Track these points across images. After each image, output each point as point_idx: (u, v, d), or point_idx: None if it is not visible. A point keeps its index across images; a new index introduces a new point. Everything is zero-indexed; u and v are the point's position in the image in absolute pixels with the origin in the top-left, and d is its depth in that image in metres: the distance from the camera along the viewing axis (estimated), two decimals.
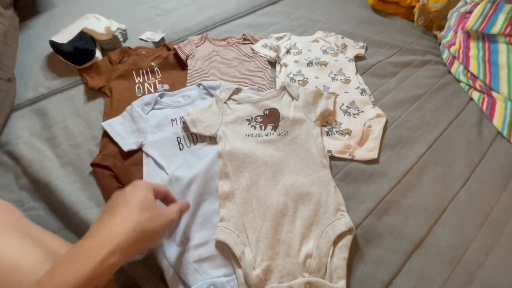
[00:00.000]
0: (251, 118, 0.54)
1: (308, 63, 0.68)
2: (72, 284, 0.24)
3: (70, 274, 0.24)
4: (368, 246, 0.43)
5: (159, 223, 0.32)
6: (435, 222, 0.45)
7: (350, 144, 0.52)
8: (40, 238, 0.33)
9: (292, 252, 0.41)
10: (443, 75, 0.70)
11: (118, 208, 0.30)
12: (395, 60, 0.72)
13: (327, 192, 0.46)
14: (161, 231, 0.33)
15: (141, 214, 0.30)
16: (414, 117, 0.59)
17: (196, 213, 0.44)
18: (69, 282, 0.24)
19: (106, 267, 0.26)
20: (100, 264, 0.25)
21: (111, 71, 0.63)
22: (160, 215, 0.32)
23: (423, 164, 0.52)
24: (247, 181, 0.46)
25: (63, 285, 0.23)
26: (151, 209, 0.32)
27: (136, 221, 0.29)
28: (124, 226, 0.29)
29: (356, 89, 0.62)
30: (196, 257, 0.41)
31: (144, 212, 0.30)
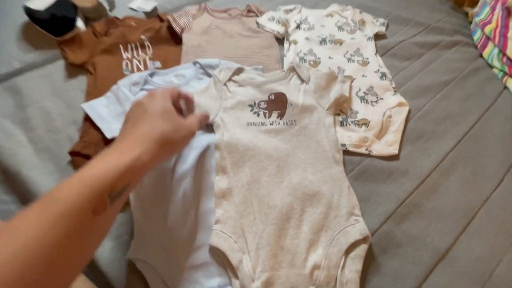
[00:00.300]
0: (254, 103, 0.47)
1: (320, 40, 0.60)
2: (112, 172, 0.24)
3: (108, 164, 0.25)
4: (384, 256, 0.37)
5: (181, 133, 0.32)
6: (463, 230, 0.39)
7: (367, 136, 0.45)
8: None
9: (297, 262, 0.35)
10: (473, 59, 0.62)
11: (139, 119, 0.30)
12: (420, 40, 0.63)
13: (339, 193, 0.40)
14: (183, 141, 0.33)
15: (163, 124, 0.30)
16: (440, 107, 0.52)
17: (189, 212, 0.38)
18: (108, 171, 0.24)
19: (139, 164, 0.26)
20: (136, 159, 0.26)
21: (95, 44, 0.55)
22: (181, 126, 0.32)
23: (450, 162, 0.45)
24: (247, 178, 0.40)
25: (102, 173, 0.24)
26: (172, 119, 0.31)
27: (160, 130, 0.29)
28: (149, 134, 0.29)
29: (376, 72, 0.54)
30: (187, 264, 0.35)
31: (165, 122, 0.30)
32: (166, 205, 0.39)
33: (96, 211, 0.23)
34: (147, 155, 0.27)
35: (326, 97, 0.48)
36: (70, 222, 0.22)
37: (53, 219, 0.21)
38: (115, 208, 0.26)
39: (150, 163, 0.28)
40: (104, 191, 0.24)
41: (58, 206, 0.22)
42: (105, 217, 0.24)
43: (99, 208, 0.23)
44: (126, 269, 0.36)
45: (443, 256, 0.37)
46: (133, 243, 0.36)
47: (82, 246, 0.23)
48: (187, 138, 0.33)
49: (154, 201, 0.39)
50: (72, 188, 0.23)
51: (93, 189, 0.23)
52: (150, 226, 0.37)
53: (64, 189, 0.23)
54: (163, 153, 0.29)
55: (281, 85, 0.49)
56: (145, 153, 0.27)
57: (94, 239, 0.25)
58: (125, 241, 0.37)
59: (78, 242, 0.23)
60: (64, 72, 0.53)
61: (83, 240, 0.23)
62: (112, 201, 0.24)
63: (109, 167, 0.25)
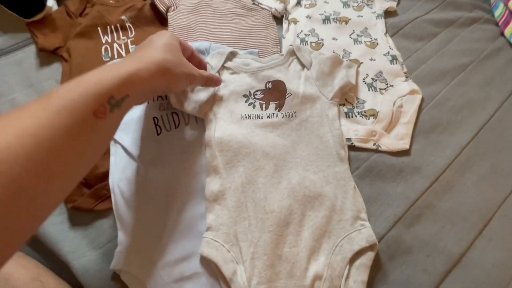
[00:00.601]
0: (249, 93, 0.42)
1: (324, 19, 0.53)
2: (111, 79, 0.25)
3: (108, 72, 0.25)
4: (392, 263, 0.34)
5: (182, 69, 0.32)
6: (479, 233, 0.36)
7: (375, 130, 0.41)
8: None
9: (296, 272, 0.32)
10: (494, 37, 0.55)
11: (144, 48, 0.31)
12: (435, 17, 0.56)
13: (343, 194, 0.36)
14: (181, 78, 0.32)
15: (166, 53, 0.31)
16: (457, 94, 0.46)
17: (177, 218, 0.35)
18: (108, 78, 0.25)
19: (138, 78, 0.27)
20: (135, 72, 0.26)
21: (69, 27, 0.49)
22: (183, 63, 0.33)
23: (466, 157, 0.41)
24: (241, 179, 0.36)
25: (102, 79, 0.24)
26: (175, 54, 0.32)
27: (161, 57, 0.30)
28: (149, 56, 0.29)
29: (385, 55, 0.49)
30: (176, 276, 0.32)
31: (168, 53, 0.31)
32: (151, 211, 0.35)
33: (96, 114, 0.23)
34: (145, 72, 0.27)
35: (330, 84, 0.42)
36: (71, 117, 0.21)
37: (55, 110, 0.21)
38: (113, 122, 0.26)
39: (148, 82, 0.28)
40: (104, 95, 0.24)
41: (59, 100, 0.21)
42: (104, 126, 0.24)
43: (99, 111, 0.23)
44: (110, 282, 0.32)
45: (457, 262, 0.34)
46: (117, 253, 0.33)
47: (81, 151, 0.23)
48: (186, 78, 0.33)
49: (138, 207, 0.35)
50: (71, 89, 0.23)
51: (92, 92, 0.23)
52: (134, 235, 0.34)
53: (63, 88, 0.23)
54: (160, 79, 0.30)
55: (279, 72, 0.43)
56: (143, 70, 0.27)
57: (93, 148, 0.25)
58: (109, 250, 0.34)
59: (78, 144, 0.22)
60: (36, 60, 0.48)
61: (83, 145, 0.23)
62: (111, 109, 0.24)
63: (108, 74, 0.25)
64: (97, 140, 0.24)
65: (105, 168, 0.38)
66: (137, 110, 0.41)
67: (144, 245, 0.33)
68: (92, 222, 0.35)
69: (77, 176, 0.24)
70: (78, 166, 0.23)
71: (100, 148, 0.26)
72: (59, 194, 0.22)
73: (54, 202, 0.22)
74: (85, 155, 0.24)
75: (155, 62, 0.29)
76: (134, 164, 0.38)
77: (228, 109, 0.41)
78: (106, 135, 0.26)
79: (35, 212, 0.20)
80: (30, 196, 0.19)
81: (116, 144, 0.39)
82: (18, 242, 0.20)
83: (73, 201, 0.36)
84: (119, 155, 0.38)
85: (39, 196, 0.20)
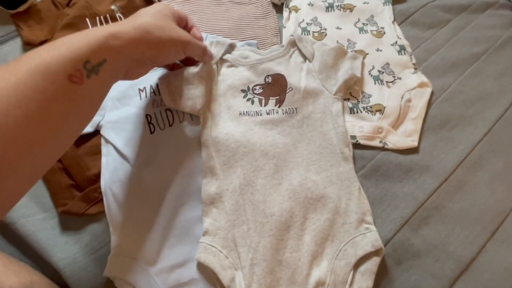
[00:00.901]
0: (248, 88, 0.39)
1: (327, 7, 0.50)
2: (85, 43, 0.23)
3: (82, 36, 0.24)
4: (399, 268, 0.32)
5: (168, 33, 0.30)
6: (491, 236, 0.34)
7: (381, 126, 0.38)
8: None
9: (298, 279, 0.30)
10: (510, 24, 0.51)
11: (129, 18, 0.30)
12: (446, 2, 0.53)
13: (348, 196, 0.34)
14: (169, 43, 0.30)
15: (149, 18, 0.29)
16: (469, 86, 0.44)
17: (172, 222, 0.33)
18: (81, 42, 0.23)
19: (115, 43, 0.25)
20: (111, 35, 0.25)
21: (56, 18, 0.46)
22: (170, 27, 0.30)
23: (479, 154, 0.38)
24: (240, 180, 0.34)
25: (75, 43, 0.23)
26: (162, 18, 0.30)
27: (142, 20, 0.28)
28: (130, 21, 0.28)
29: (393, 45, 0.45)
30: (171, 282, 0.31)
31: (152, 18, 0.29)
32: (145, 214, 0.33)
33: (72, 78, 0.22)
34: (124, 35, 0.26)
35: (334, 78, 0.40)
36: (44, 82, 0.20)
37: (25, 74, 0.19)
38: (92, 90, 0.24)
39: (127, 46, 0.26)
40: (79, 59, 0.22)
41: (30, 63, 0.20)
42: (82, 94, 0.23)
43: (74, 76, 0.22)
44: None
45: (467, 267, 0.32)
46: (110, 259, 0.32)
47: (58, 121, 0.21)
48: (175, 44, 0.31)
49: (131, 210, 0.34)
50: (43, 53, 0.21)
51: (67, 56, 0.22)
52: (128, 239, 0.33)
53: (34, 52, 0.21)
54: (142, 44, 0.28)
55: (280, 65, 0.40)
56: (122, 33, 0.26)
57: (71, 120, 0.23)
58: (102, 256, 0.33)
59: (53, 113, 0.21)
60: (22, 53, 0.45)
61: (59, 114, 0.21)
62: (88, 74, 0.23)
63: (83, 37, 0.24)
64: (75, 110, 0.23)
65: (97, 170, 0.36)
66: (129, 108, 0.39)
67: (139, 250, 0.32)
68: (84, 226, 0.34)
69: (55, 150, 0.22)
70: (55, 140, 0.22)
71: (79, 120, 0.24)
72: (36, 168, 0.21)
73: (31, 177, 0.21)
74: (63, 126, 0.22)
75: (135, 25, 0.27)
76: (127, 165, 0.36)
77: (225, 105, 0.38)
78: (85, 104, 0.24)
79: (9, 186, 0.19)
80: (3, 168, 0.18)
81: (107, 144, 0.37)
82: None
83: (63, 205, 0.34)
84: (111, 156, 0.36)
85: (13, 168, 0.18)
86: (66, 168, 0.36)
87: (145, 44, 0.28)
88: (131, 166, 0.35)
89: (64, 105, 0.22)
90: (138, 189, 0.35)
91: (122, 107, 0.39)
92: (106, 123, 0.38)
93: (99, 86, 0.25)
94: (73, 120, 0.23)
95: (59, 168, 0.36)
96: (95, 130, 0.38)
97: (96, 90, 0.25)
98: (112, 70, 0.26)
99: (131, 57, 0.28)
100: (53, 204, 0.35)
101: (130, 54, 0.27)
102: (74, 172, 0.36)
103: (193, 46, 0.33)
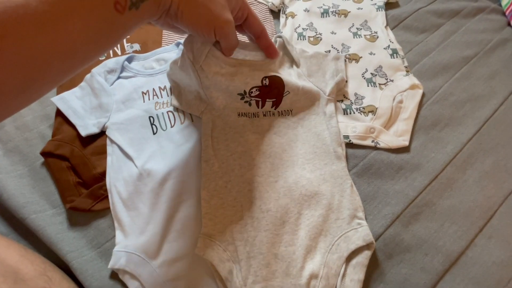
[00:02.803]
0: (245, 92, 0.39)
1: (322, 12, 0.52)
2: None
3: None
4: (390, 262, 0.34)
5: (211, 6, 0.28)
6: (479, 231, 0.35)
7: (373, 126, 0.40)
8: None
9: (292, 271, 0.32)
10: (501, 28, 0.53)
11: None
12: (438, 7, 0.54)
13: (340, 193, 0.35)
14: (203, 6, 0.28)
15: None
16: (460, 88, 0.45)
17: (173, 218, 0.35)
18: None
19: None
20: None
21: None
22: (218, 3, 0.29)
23: (468, 153, 0.40)
24: (237, 178, 0.36)
25: None
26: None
27: None
28: None
29: (385, 49, 0.47)
30: (172, 274, 0.33)
31: None
32: (148, 210, 0.35)
33: (116, 5, 0.23)
34: None
35: (323, 80, 0.41)
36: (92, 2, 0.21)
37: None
38: (127, 23, 0.25)
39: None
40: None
41: None
42: (119, 23, 0.24)
43: (119, 3, 0.23)
44: (109, 280, 0.33)
45: (456, 261, 0.34)
46: (115, 253, 0.33)
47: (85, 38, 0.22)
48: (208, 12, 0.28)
49: (134, 207, 0.35)
50: None
51: None
52: (131, 234, 0.34)
53: None
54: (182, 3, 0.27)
55: (276, 66, 0.42)
56: None
57: (101, 42, 0.24)
58: (107, 250, 0.35)
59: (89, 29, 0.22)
60: None
61: (92, 32, 0.22)
62: (131, 6, 0.24)
63: None
64: (107, 34, 0.24)
65: (102, 168, 0.38)
66: (133, 110, 0.41)
67: (141, 244, 0.34)
68: (90, 222, 0.36)
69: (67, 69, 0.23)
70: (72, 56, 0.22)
71: (103, 45, 0.24)
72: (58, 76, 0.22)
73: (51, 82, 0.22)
74: (84, 45, 0.22)
75: None
76: (131, 164, 0.38)
77: (223, 107, 0.40)
78: (112, 33, 0.24)
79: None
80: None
81: (112, 144, 0.39)
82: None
83: (71, 202, 0.36)
84: (115, 155, 0.38)
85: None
86: (73, 166, 0.38)
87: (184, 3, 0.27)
88: (135, 165, 0.37)
89: (98, 25, 0.22)
90: (140, 187, 0.36)
91: (126, 110, 0.41)
92: (112, 125, 0.40)
93: (134, 21, 0.25)
94: (101, 42, 0.24)
95: (67, 167, 0.38)
96: (101, 131, 0.40)
97: (130, 24, 0.25)
98: (150, 9, 0.26)
99: (169, 5, 0.27)
100: (61, 200, 0.37)
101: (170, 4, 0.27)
102: (81, 170, 0.38)
103: (225, 33, 0.31)
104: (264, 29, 0.35)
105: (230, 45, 0.33)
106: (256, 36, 0.36)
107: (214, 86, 0.37)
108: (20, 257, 0.29)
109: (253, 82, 0.39)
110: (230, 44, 0.33)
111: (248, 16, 0.33)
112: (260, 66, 0.39)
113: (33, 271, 0.28)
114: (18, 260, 0.28)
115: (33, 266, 0.29)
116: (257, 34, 0.36)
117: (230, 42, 0.33)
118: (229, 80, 0.37)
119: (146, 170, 0.37)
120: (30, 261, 0.29)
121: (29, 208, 0.35)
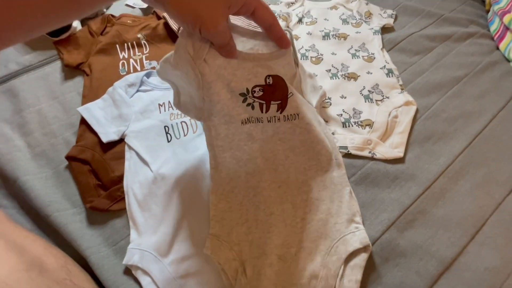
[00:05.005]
0: (247, 91, 0.35)
1: (324, 35, 0.57)
2: None
3: None
4: (386, 265, 0.36)
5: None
6: (471, 238, 0.37)
7: (371, 138, 0.43)
8: (20, 242, 0.29)
9: (294, 271, 0.34)
10: (490, 51, 0.57)
11: None
12: (431, 32, 0.59)
13: (340, 199, 0.38)
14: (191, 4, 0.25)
15: None
16: (451, 105, 0.48)
17: (184, 219, 0.38)
18: None
19: None
20: None
21: (91, 44, 0.54)
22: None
23: (460, 165, 0.42)
24: (243, 184, 0.39)
25: None
26: None
27: None
28: None
29: (382, 69, 0.51)
30: (182, 272, 0.35)
31: None
32: (161, 212, 0.38)
33: None
34: None
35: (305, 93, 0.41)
36: None
37: None
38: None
39: None
40: None
41: None
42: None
43: None
44: (123, 276, 0.35)
45: (449, 266, 0.35)
46: (129, 250, 0.36)
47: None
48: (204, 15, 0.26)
49: (149, 208, 0.39)
50: None
51: None
52: (145, 233, 0.37)
53: None
54: None
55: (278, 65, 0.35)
56: None
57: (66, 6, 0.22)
58: (122, 247, 0.37)
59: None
60: (61, 74, 0.53)
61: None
62: None
63: None
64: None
65: (120, 172, 0.42)
66: (150, 120, 0.45)
67: (154, 243, 0.36)
68: (107, 221, 0.39)
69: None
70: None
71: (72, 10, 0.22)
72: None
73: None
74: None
75: None
76: (147, 169, 0.41)
77: (224, 113, 0.35)
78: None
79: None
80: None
81: (130, 150, 0.43)
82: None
83: (90, 202, 0.39)
84: (133, 160, 0.42)
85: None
86: (94, 170, 0.42)
87: None
88: (150, 169, 0.41)
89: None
90: (154, 190, 0.40)
91: (144, 120, 0.45)
92: (130, 133, 0.44)
93: None
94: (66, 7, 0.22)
95: (88, 170, 0.42)
96: (120, 138, 0.44)
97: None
98: None
99: None
100: (82, 201, 0.40)
101: None
102: (100, 174, 0.41)
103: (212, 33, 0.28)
104: (274, 20, 0.32)
105: (218, 44, 0.30)
106: (266, 28, 0.33)
107: (215, 83, 0.33)
108: (44, 250, 0.32)
109: (255, 80, 0.34)
110: (218, 44, 0.30)
111: (256, 9, 0.30)
112: (264, 61, 0.34)
113: (55, 263, 0.31)
114: (42, 253, 0.31)
115: (55, 259, 0.32)
116: (266, 27, 0.32)
117: (218, 42, 0.30)
118: (232, 75, 0.33)
119: (160, 174, 0.40)
120: (53, 255, 0.32)
121: (53, 207, 0.39)
